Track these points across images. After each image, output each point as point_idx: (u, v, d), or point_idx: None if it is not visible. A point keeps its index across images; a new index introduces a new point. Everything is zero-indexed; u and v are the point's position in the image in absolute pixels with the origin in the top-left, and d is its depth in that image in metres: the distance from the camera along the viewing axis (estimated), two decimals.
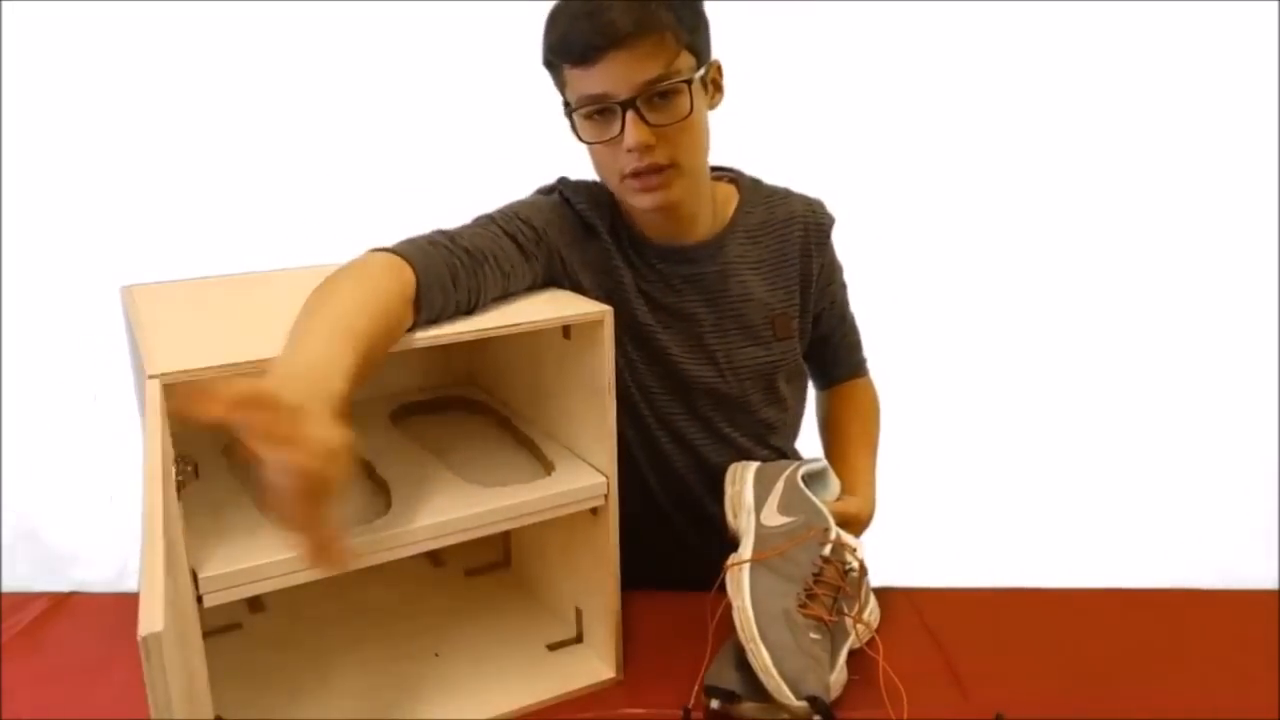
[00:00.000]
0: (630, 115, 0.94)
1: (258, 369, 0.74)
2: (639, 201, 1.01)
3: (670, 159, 0.98)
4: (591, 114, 0.97)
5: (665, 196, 1.00)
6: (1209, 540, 2.16)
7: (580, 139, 1.01)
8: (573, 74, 0.96)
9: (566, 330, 0.92)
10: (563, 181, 1.08)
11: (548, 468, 0.94)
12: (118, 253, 2.07)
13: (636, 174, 0.98)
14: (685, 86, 0.96)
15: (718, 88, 1.04)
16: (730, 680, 0.85)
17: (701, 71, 0.98)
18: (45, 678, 0.96)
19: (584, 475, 0.91)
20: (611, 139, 0.97)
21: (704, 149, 1.04)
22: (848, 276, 1.22)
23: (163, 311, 0.91)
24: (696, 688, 0.87)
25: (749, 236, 1.12)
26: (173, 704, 0.51)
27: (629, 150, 0.96)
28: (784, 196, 1.16)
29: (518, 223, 0.99)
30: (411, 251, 0.86)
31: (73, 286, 2.12)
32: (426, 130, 2.17)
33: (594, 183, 1.07)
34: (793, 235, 1.13)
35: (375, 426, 1.04)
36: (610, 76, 0.93)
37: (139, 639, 0.49)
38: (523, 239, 0.98)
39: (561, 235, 1.03)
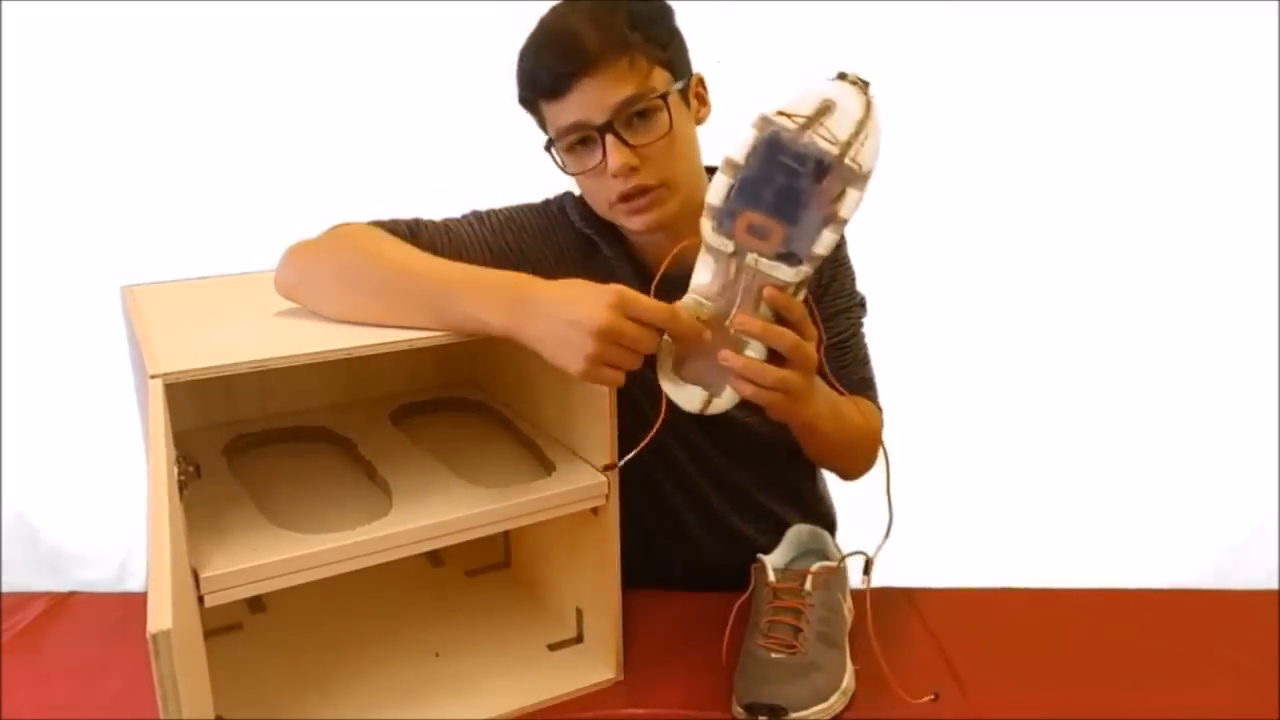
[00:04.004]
0: (610, 139, 0.92)
1: (258, 368, 0.75)
2: (632, 224, 0.98)
3: (658, 179, 0.95)
4: (573, 145, 0.95)
5: (658, 216, 0.97)
6: (1209, 540, 2.16)
7: (565, 173, 0.99)
8: (549, 108, 0.94)
9: None
10: (567, 196, 1.08)
11: (548, 468, 0.94)
12: (118, 253, 2.07)
13: (625, 198, 0.95)
14: (662, 103, 0.93)
15: (702, 101, 1.01)
16: (772, 694, 0.85)
17: (680, 85, 0.96)
18: (45, 678, 0.96)
19: (584, 475, 0.91)
20: (595, 167, 0.95)
21: (693, 165, 1.01)
22: None
23: (163, 311, 0.92)
24: (735, 705, 0.86)
25: None
26: (181, 701, 0.51)
27: (613, 175, 0.93)
28: None
29: (499, 224, 1.01)
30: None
31: (73, 286, 2.12)
32: (427, 131, 2.16)
33: None
34: None
35: (375, 426, 1.04)
36: (584, 103, 0.92)
37: (148, 636, 0.49)
38: (503, 244, 1.00)
39: (548, 245, 1.03)
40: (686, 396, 0.83)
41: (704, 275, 0.80)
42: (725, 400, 0.82)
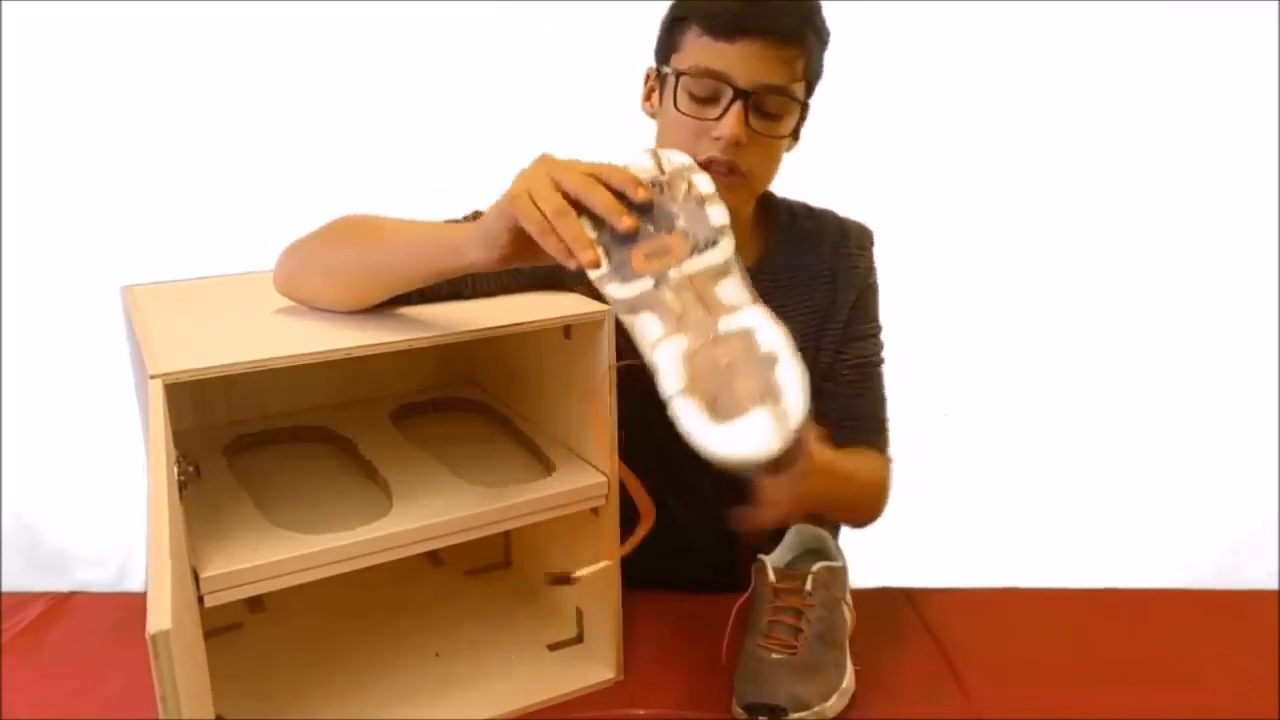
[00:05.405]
0: (738, 107, 0.92)
1: (258, 368, 0.75)
2: None
3: (748, 167, 0.96)
4: (696, 89, 0.94)
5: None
6: (1209, 540, 2.16)
7: (663, 104, 0.97)
8: (701, 41, 0.94)
9: (567, 330, 0.92)
10: None
11: (548, 468, 0.94)
12: (118, 253, 2.07)
13: (708, 164, 0.94)
14: (796, 108, 0.96)
15: (797, 136, 1.02)
16: (772, 694, 0.85)
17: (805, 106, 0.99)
18: (45, 678, 0.96)
19: (584, 475, 0.91)
20: (706, 120, 0.94)
21: (769, 180, 1.02)
22: None
23: (163, 311, 0.91)
24: (735, 706, 0.86)
25: (773, 281, 1.08)
26: (181, 701, 0.51)
27: (717, 138, 0.93)
28: (816, 236, 1.10)
29: None
30: None
31: (73, 286, 2.12)
32: (427, 131, 2.17)
33: None
34: (818, 284, 1.09)
35: (375, 426, 1.04)
36: (741, 61, 0.92)
37: (148, 636, 0.49)
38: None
39: None
40: (750, 434, 0.61)
41: (655, 329, 0.68)
42: (794, 403, 0.61)
